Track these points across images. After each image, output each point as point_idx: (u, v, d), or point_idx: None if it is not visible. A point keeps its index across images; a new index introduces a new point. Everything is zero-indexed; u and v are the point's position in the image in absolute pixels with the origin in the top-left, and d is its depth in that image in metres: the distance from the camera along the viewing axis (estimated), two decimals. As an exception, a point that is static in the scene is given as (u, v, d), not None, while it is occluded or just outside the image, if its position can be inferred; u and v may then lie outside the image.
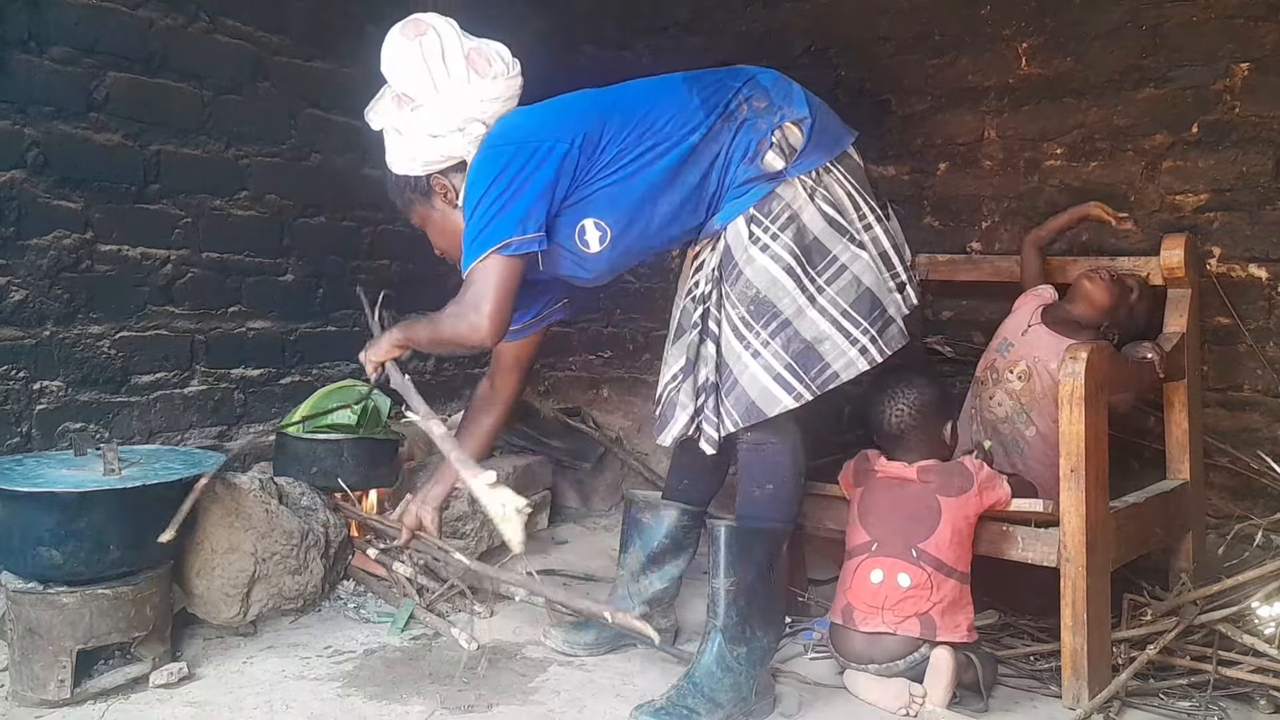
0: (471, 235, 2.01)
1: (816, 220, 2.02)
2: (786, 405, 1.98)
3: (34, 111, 2.48)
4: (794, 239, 2.00)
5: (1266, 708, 2.00)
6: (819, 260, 2.01)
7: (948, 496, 2.10)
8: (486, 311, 1.98)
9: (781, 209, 2.01)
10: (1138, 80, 2.76)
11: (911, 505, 2.11)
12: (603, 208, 2.04)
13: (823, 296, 2.00)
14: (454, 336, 2.04)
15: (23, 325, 2.48)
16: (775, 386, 1.98)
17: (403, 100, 2.09)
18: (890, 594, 2.05)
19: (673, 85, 2.10)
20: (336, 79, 3.18)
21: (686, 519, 2.31)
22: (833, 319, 2.00)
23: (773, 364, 1.98)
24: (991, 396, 2.55)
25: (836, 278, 2.02)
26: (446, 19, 2.10)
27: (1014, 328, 2.58)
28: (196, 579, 2.28)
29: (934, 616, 2.02)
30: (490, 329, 1.98)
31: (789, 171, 2.02)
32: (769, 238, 2.00)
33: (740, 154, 2.02)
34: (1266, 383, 2.61)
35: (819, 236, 2.02)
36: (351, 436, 2.69)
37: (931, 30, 3.10)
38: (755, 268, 2.00)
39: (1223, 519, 2.62)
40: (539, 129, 2.03)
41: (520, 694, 2.06)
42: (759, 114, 2.04)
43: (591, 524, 3.42)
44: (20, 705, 1.97)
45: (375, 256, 3.39)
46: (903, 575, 2.05)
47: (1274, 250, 2.59)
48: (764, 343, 1.99)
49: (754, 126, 2.03)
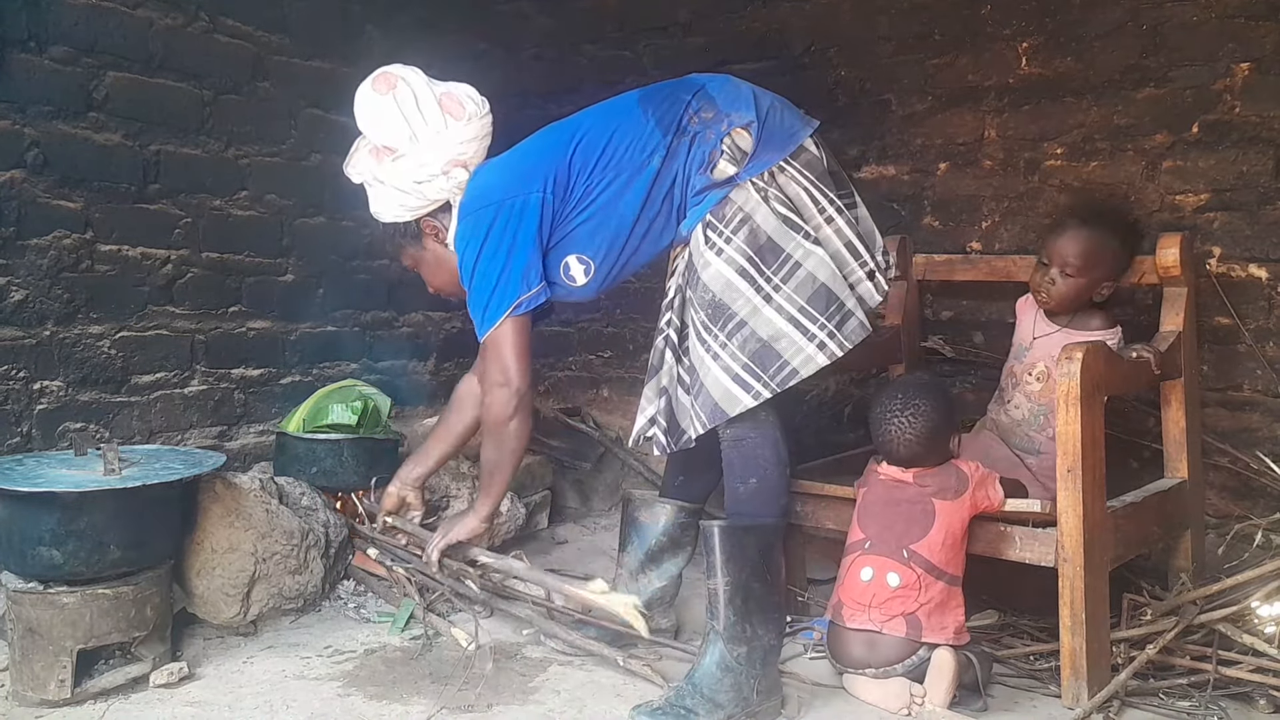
0: (480, 304, 2.14)
1: (770, 220, 2.05)
2: (746, 404, 2.01)
3: (34, 111, 2.48)
4: (747, 241, 2.04)
5: (1266, 708, 2.00)
6: (773, 260, 2.04)
7: (943, 500, 2.10)
8: (515, 374, 2.14)
9: (734, 213, 2.05)
10: (1138, 80, 2.76)
11: (907, 506, 2.12)
12: (582, 243, 2.14)
13: (779, 295, 2.03)
14: (503, 423, 2.17)
15: (23, 325, 2.48)
16: (735, 386, 2.02)
17: (382, 152, 2.19)
18: (879, 592, 2.06)
19: (628, 109, 2.16)
20: (336, 79, 3.17)
21: (683, 516, 2.32)
22: (789, 316, 2.03)
23: (731, 365, 2.02)
24: (1009, 400, 2.56)
25: (791, 275, 2.04)
26: (412, 68, 2.20)
27: (1025, 333, 2.59)
28: (197, 579, 2.28)
29: (920, 617, 2.03)
30: (524, 385, 2.15)
31: (740, 176, 2.06)
32: (723, 241, 2.05)
33: (696, 166, 2.08)
34: (1266, 382, 2.61)
35: (772, 236, 2.05)
36: (351, 436, 2.69)
37: (931, 30, 3.09)
38: (710, 272, 2.05)
39: (1222, 519, 2.62)
40: (512, 184, 2.12)
41: (520, 694, 2.06)
42: (707, 124, 2.09)
43: (591, 524, 3.42)
44: (20, 705, 1.97)
45: (375, 256, 3.39)
46: (892, 575, 2.05)
47: (1274, 250, 2.59)
48: (722, 345, 2.03)
49: (703, 138, 2.08)
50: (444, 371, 3.68)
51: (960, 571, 2.10)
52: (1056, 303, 2.48)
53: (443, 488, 2.91)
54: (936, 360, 3.08)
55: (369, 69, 2.20)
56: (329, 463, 2.67)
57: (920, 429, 2.14)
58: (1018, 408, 2.53)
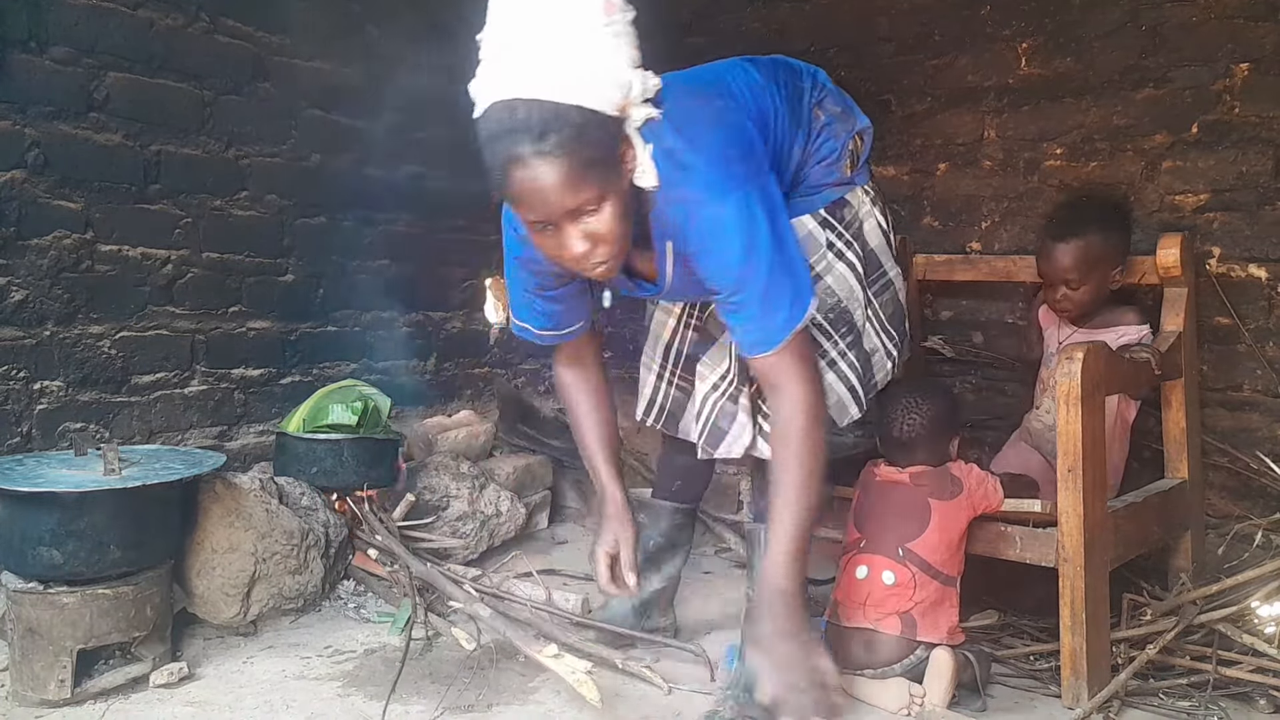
0: (778, 307, 1.66)
1: (875, 232, 2.01)
2: (853, 416, 1.97)
3: (34, 111, 2.48)
4: (861, 247, 1.98)
5: (1266, 707, 2.00)
6: (873, 271, 2.01)
7: (939, 500, 2.11)
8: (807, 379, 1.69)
9: (852, 216, 1.98)
10: (1137, 80, 2.76)
11: (903, 506, 2.12)
12: None
13: (871, 309, 2.01)
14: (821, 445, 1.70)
15: (23, 325, 2.48)
16: (849, 398, 1.95)
17: (614, 5, 1.61)
18: (874, 590, 2.06)
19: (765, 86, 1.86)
20: (337, 79, 3.18)
21: (680, 517, 2.33)
22: (878, 329, 2.01)
23: (848, 374, 1.96)
24: (1039, 405, 2.57)
25: (884, 290, 2.03)
26: None
27: (1051, 340, 2.62)
28: (197, 579, 2.28)
29: (915, 616, 2.03)
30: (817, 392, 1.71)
31: (857, 179, 1.99)
32: (843, 245, 1.95)
33: (818, 158, 1.93)
34: (1266, 382, 2.61)
35: (874, 249, 2.01)
36: (351, 436, 2.69)
37: (931, 30, 3.10)
38: (836, 275, 1.94)
39: (1222, 519, 2.62)
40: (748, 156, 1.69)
41: (520, 694, 2.06)
42: (835, 119, 1.96)
43: (591, 524, 3.42)
44: (20, 705, 1.97)
45: (375, 256, 3.39)
46: (887, 573, 2.06)
47: (1273, 250, 2.59)
48: (841, 353, 1.94)
49: (833, 132, 1.94)
50: (444, 371, 3.68)
51: (957, 573, 2.10)
52: (1079, 313, 2.52)
53: (443, 488, 2.91)
54: (936, 360, 3.09)
55: (369, 69, 2.19)
56: (329, 463, 2.67)
57: (924, 417, 2.17)
58: (1048, 412, 2.53)
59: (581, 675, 1.93)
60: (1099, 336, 2.44)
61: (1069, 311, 2.53)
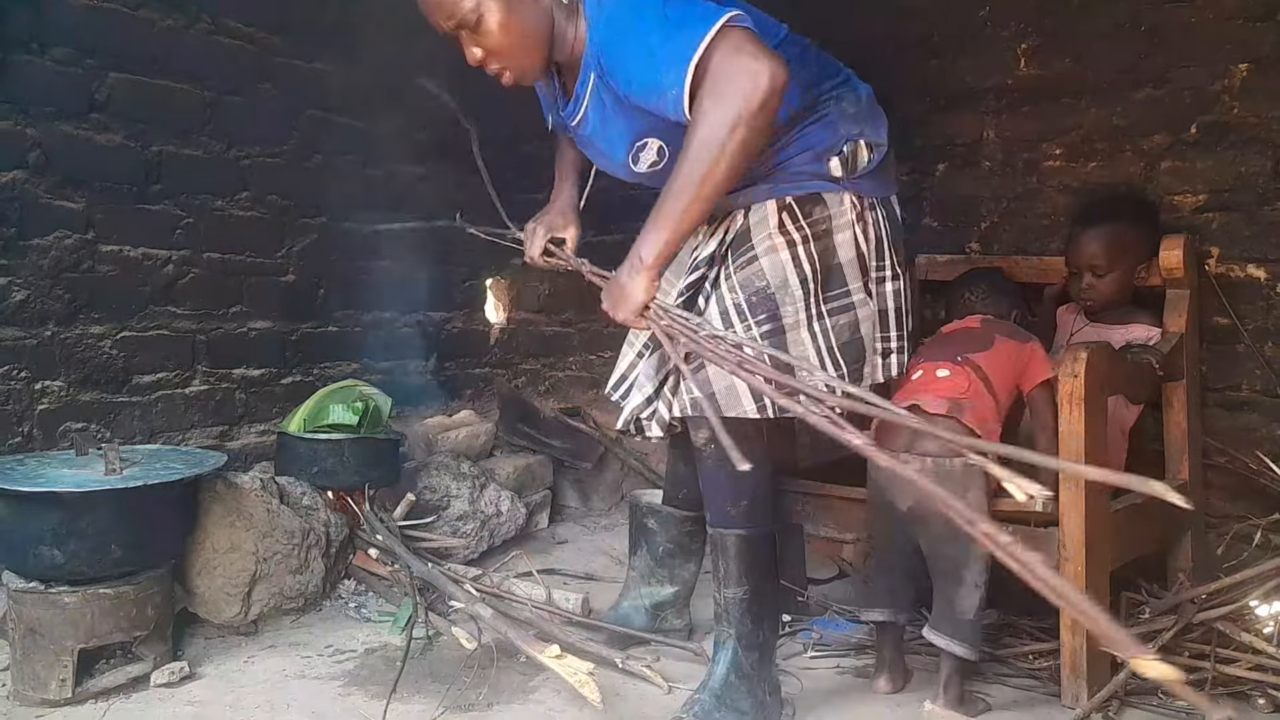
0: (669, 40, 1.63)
1: (847, 247, 1.93)
2: (746, 413, 1.85)
3: (36, 112, 2.49)
4: (820, 253, 1.90)
5: (1265, 706, 2.00)
6: (834, 287, 1.92)
7: (1005, 338, 2.16)
8: (753, 55, 1.58)
9: (822, 216, 1.91)
10: (1137, 81, 2.76)
11: (966, 336, 2.19)
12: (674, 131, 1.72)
13: (819, 324, 1.91)
14: (734, 123, 1.57)
15: (24, 325, 2.49)
16: (744, 390, 1.83)
17: None
18: (928, 383, 2.05)
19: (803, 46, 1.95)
20: (337, 80, 3.18)
21: (690, 524, 2.30)
22: (818, 349, 1.91)
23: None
24: None
25: (841, 314, 1.93)
26: None
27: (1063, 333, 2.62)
28: (198, 578, 2.28)
29: (963, 402, 1.99)
30: (775, 63, 1.58)
31: (843, 184, 1.92)
32: (799, 237, 1.89)
33: (810, 144, 1.89)
34: (1265, 383, 2.61)
35: (843, 263, 1.93)
36: (352, 436, 2.70)
37: (931, 31, 3.10)
38: (772, 260, 1.88)
39: (1221, 519, 2.62)
40: None
41: (521, 693, 2.07)
42: (845, 116, 1.93)
43: (591, 524, 3.43)
44: (22, 705, 1.97)
45: (376, 257, 3.40)
46: (942, 370, 2.07)
47: (1273, 250, 2.59)
48: (751, 339, 1.83)
49: (833, 124, 1.91)
50: (445, 371, 3.68)
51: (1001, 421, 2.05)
52: (1101, 303, 2.52)
53: (443, 487, 2.92)
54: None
55: (370, 70, 2.20)
56: (330, 462, 2.67)
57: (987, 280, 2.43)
58: None
59: (583, 676, 1.92)
60: (1108, 334, 2.44)
61: (1092, 303, 2.52)
